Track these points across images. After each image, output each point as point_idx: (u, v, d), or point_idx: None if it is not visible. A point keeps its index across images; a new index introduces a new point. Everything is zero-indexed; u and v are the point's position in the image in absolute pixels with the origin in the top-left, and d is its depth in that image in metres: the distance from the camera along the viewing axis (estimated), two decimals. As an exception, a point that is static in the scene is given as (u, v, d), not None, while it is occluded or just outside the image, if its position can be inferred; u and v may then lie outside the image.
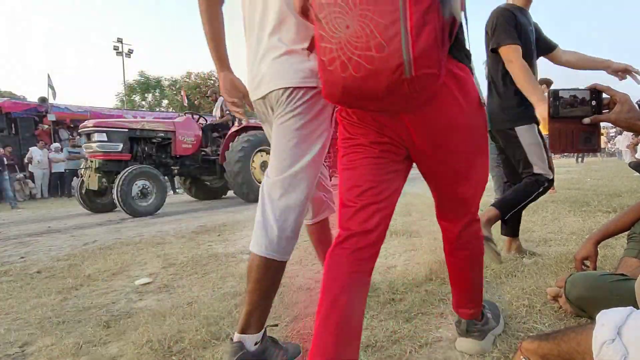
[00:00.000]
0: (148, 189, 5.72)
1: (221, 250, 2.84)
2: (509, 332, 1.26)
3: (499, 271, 1.88)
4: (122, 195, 5.34)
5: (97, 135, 5.80)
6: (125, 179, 5.39)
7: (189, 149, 6.81)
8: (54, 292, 2.06)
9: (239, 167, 6.51)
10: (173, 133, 6.62)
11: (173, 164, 6.78)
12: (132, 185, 5.49)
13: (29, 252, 3.26)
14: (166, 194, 6.08)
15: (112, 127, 6.00)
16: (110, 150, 5.84)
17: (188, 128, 6.88)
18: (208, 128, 7.44)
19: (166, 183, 6.31)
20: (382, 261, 2.30)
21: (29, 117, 13.11)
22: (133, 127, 6.23)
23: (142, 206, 5.62)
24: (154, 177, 5.81)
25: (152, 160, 6.46)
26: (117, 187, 5.34)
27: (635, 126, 0.93)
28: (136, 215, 5.48)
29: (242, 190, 6.67)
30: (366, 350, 1.21)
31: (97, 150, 5.78)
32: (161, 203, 5.91)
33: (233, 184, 6.69)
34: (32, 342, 1.46)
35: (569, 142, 0.98)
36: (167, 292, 1.99)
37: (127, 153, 6.06)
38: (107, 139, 5.81)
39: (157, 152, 6.59)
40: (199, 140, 6.98)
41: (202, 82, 26.32)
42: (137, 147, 6.29)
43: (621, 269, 1.37)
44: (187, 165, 6.93)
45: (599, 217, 3.22)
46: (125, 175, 5.43)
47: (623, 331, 0.68)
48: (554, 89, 0.98)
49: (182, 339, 1.35)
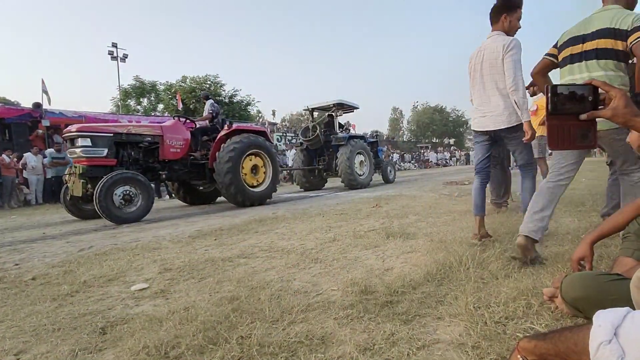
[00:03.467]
0: (132, 194, 5.51)
1: (218, 255, 2.82)
2: (506, 332, 1.26)
3: (495, 272, 1.88)
4: (102, 202, 5.15)
5: (81, 140, 5.62)
6: (104, 185, 5.19)
7: (177, 153, 6.65)
8: (49, 299, 2.04)
9: (228, 171, 6.43)
10: (160, 137, 6.45)
11: (161, 169, 6.60)
12: (113, 191, 5.30)
13: (24, 259, 3.23)
14: (153, 200, 5.89)
15: (96, 131, 5.81)
16: (95, 155, 5.66)
17: (176, 132, 6.71)
18: (198, 132, 7.32)
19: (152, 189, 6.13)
20: (379, 263, 2.30)
21: (23, 122, 13.04)
22: (118, 131, 6.04)
23: (125, 212, 5.42)
24: (137, 183, 5.58)
25: (139, 165, 6.29)
26: (97, 194, 5.15)
27: (631, 122, 0.93)
28: (119, 222, 5.31)
29: (232, 194, 6.56)
30: (364, 352, 1.21)
31: (81, 155, 5.61)
32: (147, 209, 5.71)
33: (223, 188, 6.57)
34: (27, 350, 1.44)
35: (567, 139, 0.98)
36: (163, 297, 1.98)
37: (112, 158, 5.88)
38: (91, 144, 5.64)
39: (144, 157, 6.39)
40: (188, 144, 6.83)
41: (197, 86, 26.27)
42: (123, 152, 6.11)
43: (616, 269, 1.38)
44: (175, 169, 6.76)
45: (594, 217, 3.24)
46: (105, 181, 5.23)
47: (620, 332, 0.68)
48: (553, 84, 0.98)
49: (179, 345, 1.34)
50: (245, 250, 2.93)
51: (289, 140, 25.48)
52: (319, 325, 1.44)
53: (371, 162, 10.61)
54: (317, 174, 10.75)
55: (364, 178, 10.14)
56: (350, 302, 1.65)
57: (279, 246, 3.00)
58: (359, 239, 3.01)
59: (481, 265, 2.01)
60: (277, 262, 2.52)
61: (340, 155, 9.67)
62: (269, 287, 1.95)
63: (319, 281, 2.05)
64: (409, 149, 37.64)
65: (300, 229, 3.72)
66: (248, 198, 6.75)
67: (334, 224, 3.93)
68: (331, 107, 10.62)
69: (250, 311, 1.61)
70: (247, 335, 1.38)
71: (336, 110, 10.69)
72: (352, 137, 10.38)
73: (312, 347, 1.28)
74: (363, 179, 10.10)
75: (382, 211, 4.66)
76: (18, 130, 12.73)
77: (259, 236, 3.53)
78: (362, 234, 3.21)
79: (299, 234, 3.46)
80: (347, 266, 2.29)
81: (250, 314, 1.58)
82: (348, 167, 9.56)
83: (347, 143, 9.82)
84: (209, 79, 26.86)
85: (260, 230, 3.84)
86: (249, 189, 6.86)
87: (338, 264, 2.35)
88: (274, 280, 2.08)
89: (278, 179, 7.74)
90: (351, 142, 9.96)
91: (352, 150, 9.75)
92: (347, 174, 9.61)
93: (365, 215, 4.39)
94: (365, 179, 10.21)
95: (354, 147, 9.85)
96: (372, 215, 4.40)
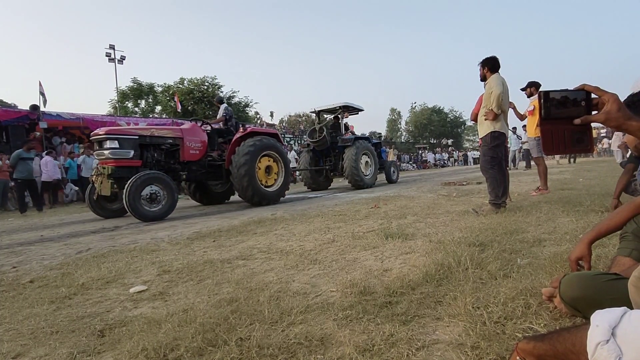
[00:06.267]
0: (158, 194, 5.84)
1: (216, 257, 2.82)
2: (505, 332, 1.26)
3: (494, 272, 1.89)
4: (131, 201, 5.45)
5: (109, 142, 5.93)
6: (133, 184, 5.50)
7: (196, 155, 6.95)
8: (47, 301, 2.03)
9: (245, 165, 6.68)
10: (181, 139, 6.77)
11: (181, 170, 6.90)
12: (142, 190, 5.62)
13: (22, 262, 3.22)
14: (177, 199, 6.16)
15: (123, 134, 6.16)
16: (122, 156, 5.96)
17: (195, 134, 7.03)
18: (213, 134, 7.58)
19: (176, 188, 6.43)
20: (377, 264, 2.30)
21: (20, 125, 13.00)
22: (143, 134, 6.37)
23: (151, 211, 5.72)
24: (164, 183, 5.93)
25: (161, 166, 6.57)
26: (126, 193, 5.45)
27: (624, 125, 0.93)
28: (146, 219, 5.58)
29: (247, 194, 6.83)
30: (364, 354, 1.21)
31: (109, 157, 5.90)
32: (171, 208, 6.03)
33: (239, 188, 6.83)
34: (25, 353, 1.44)
35: (562, 143, 0.98)
36: (162, 299, 1.97)
37: (138, 159, 6.18)
38: (118, 146, 5.94)
39: (165, 158, 6.72)
40: (205, 145, 7.12)
41: (195, 87, 26.24)
42: (147, 154, 6.40)
43: (614, 268, 1.39)
44: (194, 170, 7.05)
45: (591, 217, 3.25)
46: (134, 180, 5.54)
47: (617, 332, 0.68)
48: (544, 90, 0.98)
49: (177, 347, 1.34)
50: (244, 252, 2.92)
51: (287, 141, 25.44)
52: (318, 327, 1.44)
53: (376, 162, 10.86)
54: (323, 175, 10.95)
55: (369, 178, 10.37)
56: (349, 303, 1.65)
57: (277, 247, 3.00)
58: (357, 240, 3.01)
59: (480, 266, 2.01)
60: (276, 263, 2.52)
61: (347, 156, 9.91)
62: (267, 289, 1.95)
63: (318, 282, 2.04)
64: (407, 149, 37.68)
65: (299, 230, 3.72)
66: (263, 197, 7.03)
67: (332, 225, 3.93)
68: (337, 109, 10.91)
69: (249, 313, 1.61)
70: (246, 337, 1.37)
71: (342, 112, 10.92)
72: (358, 138, 10.61)
73: (312, 348, 1.28)
74: (368, 179, 10.33)
75: (380, 212, 4.67)
76: (15, 132, 12.70)
77: (257, 237, 3.53)
78: (361, 235, 3.21)
79: (297, 235, 3.46)
80: (346, 267, 2.29)
81: (249, 315, 1.58)
82: (354, 168, 9.81)
83: (353, 144, 10.07)
84: (206, 80, 26.86)
85: (258, 232, 3.84)
86: (264, 188, 7.13)
87: (337, 265, 2.35)
88: (273, 282, 2.08)
89: (289, 178, 8.02)
90: (357, 143, 10.19)
91: (358, 151, 9.98)
92: (354, 174, 9.83)
93: (363, 216, 4.39)
94: (371, 179, 10.44)
95: (359, 148, 10.09)
96: (370, 216, 4.40)
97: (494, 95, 3.95)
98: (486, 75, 4.14)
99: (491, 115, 3.99)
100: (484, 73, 4.16)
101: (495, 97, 3.93)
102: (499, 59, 4.12)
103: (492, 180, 4.07)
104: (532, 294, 1.54)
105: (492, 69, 4.10)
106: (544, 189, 5.52)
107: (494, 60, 4.10)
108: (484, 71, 4.15)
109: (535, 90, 5.91)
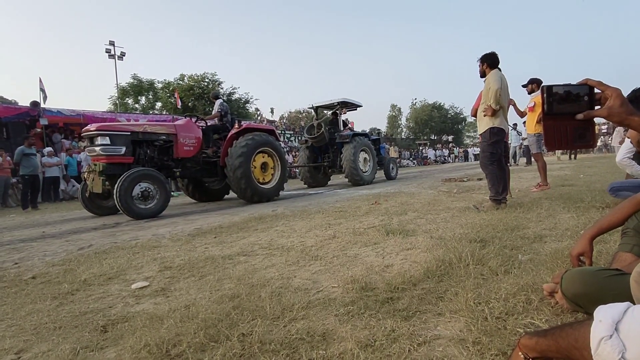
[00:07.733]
0: (150, 191, 5.74)
1: (218, 253, 2.82)
2: (506, 328, 1.26)
3: (495, 268, 1.89)
4: (122, 199, 5.36)
5: (100, 138, 5.83)
6: (124, 181, 5.40)
7: (190, 151, 6.86)
8: (49, 297, 2.04)
9: (240, 168, 6.62)
10: (174, 136, 6.66)
11: (175, 166, 6.81)
12: (133, 188, 5.51)
13: (23, 258, 3.23)
14: (169, 196, 6.08)
15: (115, 130, 6.03)
16: (114, 153, 5.87)
17: (189, 130, 6.92)
18: (208, 130, 7.50)
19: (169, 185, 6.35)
20: (379, 260, 2.31)
21: (21, 121, 12.99)
22: (135, 130, 6.25)
23: (144, 208, 5.62)
24: (155, 179, 5.81)
25: (154, 163, 6.48)
26: (117, 190, 5.35)
27: (627, 120, 0.93)
28: (138, 217, 5.50)
29: (243, 191, 6.77)
30: (365, 349, 1.21)
31: (100, 153, 5.81)
32: (164, 205, 5.93)
33: (234, 185, 6.78)
34: (27, 349, 1.44)
35: (564, 139, 0.97)
36: (164, 295, 1.98)
37: (130, 156, 6.08)
38: (110, 143, 5.84)
39: (159, 155, 6.61)
40: (200, 142, 7.03)
41: (195, 84, 26.17)
42: (139, 150, 6.30)
43: (615, 264, 1.39)
44: (188, 167, 6.97)
45: (592, 212, 3.25)
46: (125, 177, 5.44)
47: (620, 327, 0.68)
48: (547, 84, 0.97)
49: (180, 343, 1.35)
50: (245, 248, 2.93)
51: (287, 138, 25.37)
52: (319, 322, 1.45)
53: (374, 159, 10.79)
54: (321, 171, 10.90)
55: (367, 175, 10.30)
56: (351, 299, 1.66)
57: (278, 244, 3.00)
58: (358, 236, 3.01)
59: (481, 262, 2.01)
60: (277, 259, 2.52)
61: (345, 152, 9.85)
62: (269, 285, 1.95)
63: (319, 278, 2.05)
64: (407, 146, 37.63)
65: (300, 227, 3.73)
66: (258, 194, 6.97)
67: (333, 221, 3.93)
68: (335, 106, 10.81)
69: (250, 309, 1.61)
70: (248, 333, 1.38)
71: (340, 108, 10.84)
72: (356, 134, 10.54)
73: (313, 343, 1.28)
74: (367, 175, 10.26)
75: (381, 208, 4.67)
76: (16, 129, 12.70)
77: (258, 234, 3.54)
78: (362, 231, 3.21)
79: (298, 232, 3.46)
80: (347, 263, 2.29)
81: (251, 311, 1.59)
82: (352, 164, 9.74)
83: (351, 141, 9.99)
84: (207, 77, 26.78)
85: (259, 228, 3.84)
86: (260, 185, 7.08)
87: (338, 261, 2.35)
88: (274, 278, 2.09)
89: (286, 176, 7.94)
90: (355, 139, 10.12)
91: (356, 148, 9.92)
92: (352, 171, 9.78)
93: (364, 213, 4.39)
94: (369, 176, 10.37)
95: (357, 145, 10.02)
96: (371, 212, 4.40)
97: (492, 91, 3.94)
98: (485, 71, 4.13)
99: (490, 112, 3.99)
100: (484, 69, 4.14)
101: (494, 93, 3.92)
102: (498, 55, 4.10)
103: (492, 177, 4.07)
104: (534, 290, 1.54)
105: (491, 65, 4.09)
106: (544, 185, 5.52)
107: (493, 56, 4.09)
108: (484, 67, 4.14)
109: (536, 87, 5.90)
